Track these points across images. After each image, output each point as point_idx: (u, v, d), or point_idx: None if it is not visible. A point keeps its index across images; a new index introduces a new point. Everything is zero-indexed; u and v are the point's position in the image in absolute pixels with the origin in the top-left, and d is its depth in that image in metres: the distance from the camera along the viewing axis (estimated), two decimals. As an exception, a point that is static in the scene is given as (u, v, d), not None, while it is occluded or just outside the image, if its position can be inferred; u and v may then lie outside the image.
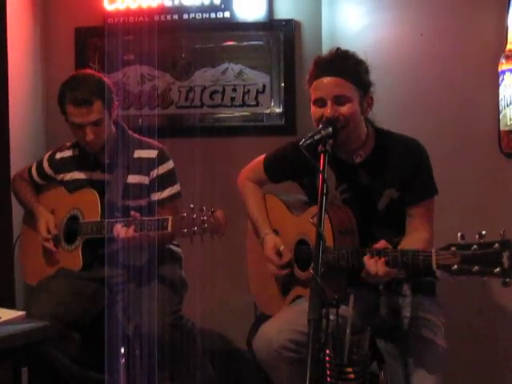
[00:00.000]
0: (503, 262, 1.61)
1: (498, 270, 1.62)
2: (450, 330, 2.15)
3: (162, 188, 2.58)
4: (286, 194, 2.44)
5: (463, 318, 2.79)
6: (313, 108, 2.10)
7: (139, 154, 2.61)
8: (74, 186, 2.65)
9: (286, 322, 2.09)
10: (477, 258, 1.65)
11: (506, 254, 1.61)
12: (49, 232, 2.60)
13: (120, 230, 2.37)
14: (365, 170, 2.17)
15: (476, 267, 1.65)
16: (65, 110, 2.51)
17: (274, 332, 2.08)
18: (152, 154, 2.60)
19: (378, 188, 2.15)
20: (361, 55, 2.14)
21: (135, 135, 2.69)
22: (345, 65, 2.06)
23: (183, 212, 2.23)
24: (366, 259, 1.91)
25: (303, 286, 2.20)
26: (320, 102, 2.07)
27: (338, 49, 2.12)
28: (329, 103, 2.04)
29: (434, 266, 1.74)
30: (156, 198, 2.57)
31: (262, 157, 2.43)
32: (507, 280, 1.61)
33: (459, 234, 1.70)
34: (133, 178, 2.58)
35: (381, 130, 2.22)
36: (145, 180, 2.58)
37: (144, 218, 2.36)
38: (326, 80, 2.06)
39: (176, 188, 2.63)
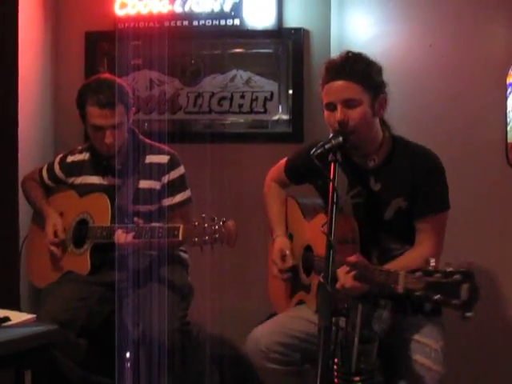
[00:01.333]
0: (461, 294, 1.54)
1: (455, 301, 1.54)
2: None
3: (173, 193, 2.59)
4: (306, 197, 2.46)
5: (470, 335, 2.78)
6: (326, 113, 2.11)
7: (150, 159, 2.62)
8: (84, 190, 2.65)
9: (277, 325, 2.18)
10: (439, 287, 1.58)
11: (465, 286, 1.54)
12: (56, 236, 2.60)
13: (120, 236, 2.38)
14: (376, 175, 2.16)
15: (438, 296, 1.58)
16: (85, 112, 2.52)
17: (264, 333, 2.15)
18: (163, 159, 2.61)
19: (387, 196, 2.13)
20: (372, 57, 2.13)
21: (146, 140, 2.70)
22: (354, 68, 2.06)
23: (195, 221, 2.23)
24: (339, 270, 1.91)
25: (306, 291, 2.24)
26: (331, 107, 2.08)
27: (349, 52, 2.12)
28: (339, 107, 2.05)
29: (401, 289, 1.70)
30: (167, 204, 2.57)
31: (284, 160, 2.47)
32: (467, 314, 1.53)
33: (432, 259, 1.65)
34: (144, 184, 2.59)
35: (398, 138, 2.20)
36: (156, 185, 2.58)
37: (155, 225, 2.36)
38: (336, 84, 2.06)
39: (187, 194, 2.64)
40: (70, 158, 2.74)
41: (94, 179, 2.65)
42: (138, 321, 2.44)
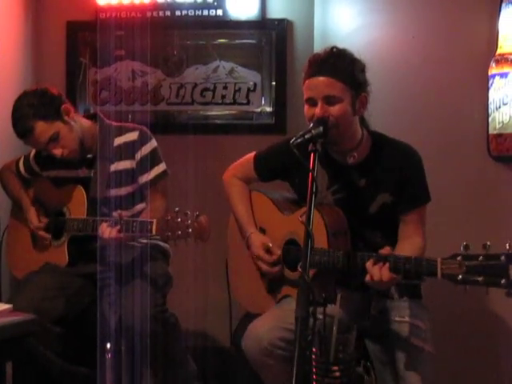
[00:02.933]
0: (510, 274, 1.66)
1: (503, 281, 1.67)
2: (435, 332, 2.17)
3: (148, 169, 2.56)
4: (272, 191, 2.42)
5: (447, 318, 2.80)
6: (306, 107, 2.10)
7: (121, 139, 2.59)
8: (61, 183, 2.63)
9: (276, 320, 2.08)
10: (482, 269, 1.70)
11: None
12: (40, 221, 2.58)
13: (105, 230, 2.37)
14: (358, 172, 2.16)
15: (481, 278, 1.69)
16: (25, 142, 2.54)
17: (264, 330, 2.07)
18: (133, 136, 2.58)
19: (372, 191, 2.14)
20: (356, 55, 2.13)
21: (113, 123, 2.65)
22: (337, 64, 2.05)
23: (168, 215, 2.21)
24: (369, 265, 1.91)
25: (292, 285, 2.18)
26: (311, 102, 2.07)
27: (334, 47, 2.11)
28: (319, 103, 2.04)
29: (439, 275, 1.77)
30: (144, 181, 2.55)
31: (252, 154, 2.42)
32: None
33: (463, 243, 1.73)
34: (118, 166, 2.56)
35: (377, 134, 2.21)
36: (132, 164, 2.56)
37: (129, 219, 2.34)
38: (318, 80, 2.05)
39: (162, 167, 2.60)
40: (44, 152, 2.71)
41: (70, 173, 2.63)
42: (114, 310, 2.43)
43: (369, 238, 2.15)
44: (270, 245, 2.24)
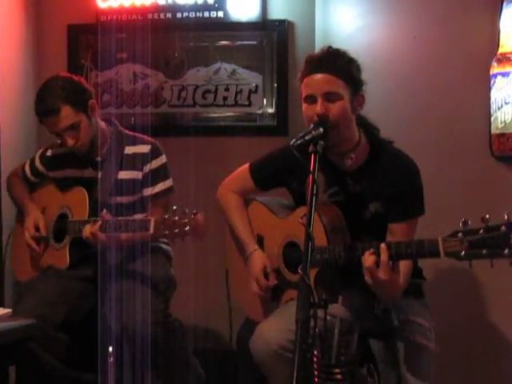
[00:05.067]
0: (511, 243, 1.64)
1: (506, 251, 1.65)
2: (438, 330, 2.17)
3: (154, 183, 2.57)
4: (267, 198, 2.38)
5: (450, 317, 2.80)
6: (304, 106, 2.08)
7: (131, 149, 2.60)
8: (65, 184, 2.64)
9: (284, 322, 2.02)
10: (485, 242, 1.68)
11: None
12: (37, 230, 2.59)
13: (86, 229, 2.38)
14: (354, 178, 2.14)
15: (485, 251, 1.67)
16: (41, 121, 2.53)
17: (273, 332, 2.04)
18: (145, 149, 2.59)
19: (364, 199, 2.12)
20: (352, 54, 2.12)
21: (127, 131, 2.68)
22: (336, 62, 2.05)
23: (165, 214, 2.22)
24: (367, 255, 1.87)
25: (295, 288, 2.10)
26: (311, 99, 2.05)
27: (330, 47, 2.11)
28: (319, 100, 2.02)
29: (442, 254, 1.76)
30: (148, 194, 2.56)
31: (247, 165, 2.37)
32: None
33: (462, 220, 1.72)
34: (125, 174, 2.57)
35: (376, 140, 2.17)
36: (138, 175, 2.57)
37: (128, 219, 2.35)
38: (317, 77, 2.04)
39: (168, 183, 2.62)
40: (50, 152, 2.73)
41: (74, 172, 2.64)
42: (116, 315, 2.43)
43: (365, 242, 2.13)
44: (269, 270, 2.21)
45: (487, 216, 1.69)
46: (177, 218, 2.18)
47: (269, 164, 2.32)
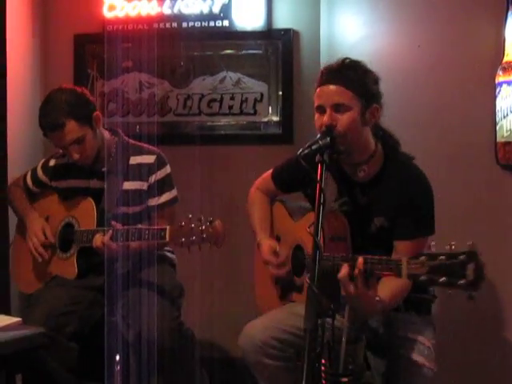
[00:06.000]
0: (467, 274, 1.56)
1: (462, 282, 1.56)
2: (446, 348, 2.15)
3: (159, 193, 2.58)
4: (292, 200, 2.47)
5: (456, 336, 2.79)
6: (316, 115, 2.10)
7: (136, 160, 2.61)
8: (69, 194, 2.64)
9: (272, 321, 2.17)
10: (443, 269, 1.60)
11: (471, 266, 1.56)
12: (46, 237, 2.58)
13: (96, 239, 2.38)
14: (363, 190, 2.15)
15: (443, 278, 1.59)
16: (45, 135, 2.53)
17: (259, 329, 2.15)
18: (150, 159, 2.60)
19: (371, 212, 2.12)
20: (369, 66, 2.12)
21: (131, 141, 2.68)
22: (348, 74, 2.06)
23: (181, 221, 2.22)
24: (343, 267, 1.86)
25: (298, 291, 2.23)
26: (321, 110, 2.08)
27: (347, 58, 2.11)
28: (328, 111, 2.04)
29: (404, 275, 1.70)
30: (154, 204, 2.56)
31: (272, 169, 2.48)
32: (473, 294, 1.56)
33: (432, 242, 1.67)
34: (131, 185, 2.58)
35: (392, 154, 2.16)
36: (143, 186, 2.57)
37: (142, 227, 2.35)
38: (327, 88, 2.06)
39: (173, 193, 2.63)
40: (52, 162, 2.72)
41: (79, 183, 2.63)
42: (130, 324, 2.42)
43: (372, 254, 2.12)
44: (277, 248, 2.28)
45: (453, 243, 1.61)
46: (193, 225, 2.19)
47: (286, 169, 2.39)
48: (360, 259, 1.84)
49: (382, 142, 2.17)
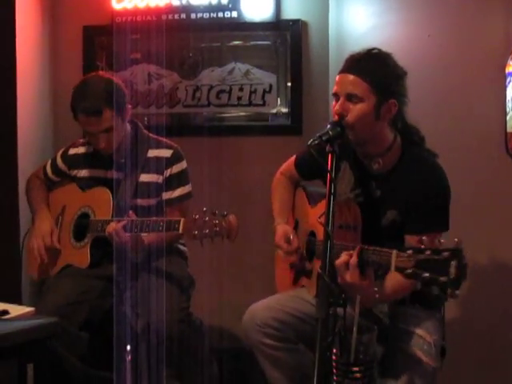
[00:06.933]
0: (450, 272, 1.53)
1: (443, 279, 1.54)
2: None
3: (173, 187, 2.59)
4: (314, 186, 2.48)
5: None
6: (333, 102, 2.10)
7: (154, 153, 2.62)
8: (87, 184, 2.65)
9: (275, 302, 2.23)
10: (428, 265, 1.58)
11: (453, 264, 1.53)
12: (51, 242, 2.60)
13: (110, 226, 2.40)
14: (377, 182, 2.14)
15: (426, 274, 1.57)
16: (77, 117, 2.52)
17: (259, 309, 2.21)
18: (167, 153, 2.61)
19: (383, 205, 2.11)
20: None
21: (150, 134, 2.69)
22: (368, 65, 2.04)
23: (195, 214, 2.23)
24: (343, 254, 1.86)
25: (307, 276, 2.27)
26: (336, 97, 2.07)
27: (374, 49, 2.09)
28: (341, 99, 2.04)
29: (393, 268, 1.70)
30: (167, 197, 2.58)
31: (296, 154, 2.49)
32: (456, 292, 1.53)
33: (423, 237, 1.64)
34: (146, 177, 2.59)
35: (409, 148, 2.13)
36: (158, 179, 2.58)
37: (156, 218, 2.36)
38: (345, 76, 2.05)
39: (187, 188, 2.64)
40: (72, 151, 2.74)
41: (97, 172, 2.65)
42: (139, 314, 2.44)
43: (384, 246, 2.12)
44: (291, 236, 2.28)
45: (442, 240, 1.60)
46: (207, 218, 2.20)
47: (307, 157, 2.36)
48: (357, 248, 1.85)
49: (401, 136, 2.15)
